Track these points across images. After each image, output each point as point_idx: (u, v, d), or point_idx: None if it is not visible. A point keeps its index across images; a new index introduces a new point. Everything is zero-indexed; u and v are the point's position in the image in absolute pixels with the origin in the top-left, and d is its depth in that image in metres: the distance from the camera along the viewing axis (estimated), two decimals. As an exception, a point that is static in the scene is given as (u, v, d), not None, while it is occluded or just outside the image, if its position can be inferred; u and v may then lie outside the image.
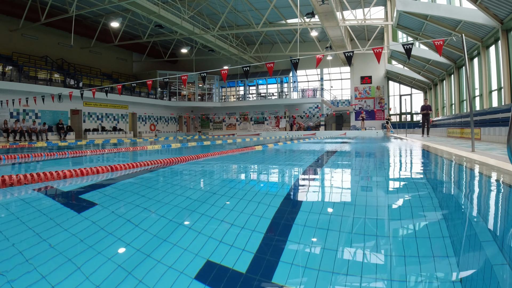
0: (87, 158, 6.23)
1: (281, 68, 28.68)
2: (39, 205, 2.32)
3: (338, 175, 3.75)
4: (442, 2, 13.67)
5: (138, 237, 1.60)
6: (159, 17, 17.37)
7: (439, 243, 1.45)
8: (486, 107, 12.08)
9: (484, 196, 2.56)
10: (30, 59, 19.70)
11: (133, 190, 2.86)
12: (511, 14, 9.62)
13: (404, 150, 7.53)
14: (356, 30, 24.26)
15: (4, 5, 17.79)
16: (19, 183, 2.89)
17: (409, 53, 5.99)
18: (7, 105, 15.73)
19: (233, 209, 2.14)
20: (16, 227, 1.79)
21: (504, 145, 7.23)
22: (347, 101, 29.06)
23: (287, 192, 2.78)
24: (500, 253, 1.36)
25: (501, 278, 1.14)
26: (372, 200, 2.38)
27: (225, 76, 7.69)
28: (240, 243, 1.49)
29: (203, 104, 30.55)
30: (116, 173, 3.69)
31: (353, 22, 20.15)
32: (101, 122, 23.13)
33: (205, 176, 3.83)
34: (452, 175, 3.75)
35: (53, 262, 1.31)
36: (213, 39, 22.20)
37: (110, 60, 26.74)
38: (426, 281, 1.14)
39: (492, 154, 4.72)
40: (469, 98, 5.76)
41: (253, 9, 20.80)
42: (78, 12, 17.08)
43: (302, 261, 1.30)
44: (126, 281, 1.15)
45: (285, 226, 1.78)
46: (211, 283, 1.14)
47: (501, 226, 1.76)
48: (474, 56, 13.69)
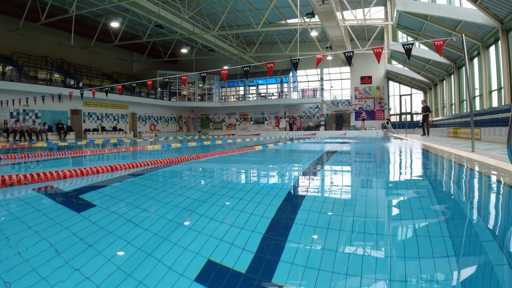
0: (87, 158, 6.23)
1: (281, 68, 28.68)
2: (39, 205, 2.32)
3: (338, 175, 3.75)
4: (442, 2, 13.67)
5: (138, 236, 1.60)
6: (159, 17, 17.37)
7: (439, 243, 1.45)
8: (486, 107, 12.08)
9: (484, 196, 2.56)
10: (30, 59, 19.69)
11: (133, 190, 2.86)
12: (511, 14, 9.62)
13: (404, 150, 7.53)
14: (356, 30, 24.26)
15: (4, 5, 17.78)
16: (19, 183, 2.89)
17: (409, 53, 5.99)
18: (7, 105, 15.73)
19: (233, 209, 2.14)
20: (16, 227, 1.79)
21: (504, 145, 7.23)
22: (347, 101, 29.06)
23: (287, 192, 2.78)
24: (500, 252, 1.35)
25: (501, 278, 1.14)
26: (372, 200, 2.38)
27: (225, 76, 7.69)
28: (241, 242, 1.49)
29: (203, 104, 30.55)
30: (116, 173, 3.69)
31: (353, 22, 20.16)
32: (101, 122, 23.13)
33: (205, 176, 3.83)
34: (452, 175, 3.75)
35: (53, 262, 1.31)
36: (213, 39, 22.20)
37: (110, 60, 26.74)
38: (426, 281, 1.14)
39: (492, 154, 4.72)
40: (469, 98, 5.76)
41: (253, 9, 20.80)
42: (78, 12, 17.08)
43: (302, 261, 1.30)
44: (126, 281, 1.14)
45: (285, 225, 1.78)
46: (212, 281, 1.13)
47: (501, 226, 1.76)
48: (474, 56, 13.68)
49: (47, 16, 17.55)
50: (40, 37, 20.92)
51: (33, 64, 19.54)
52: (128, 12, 19.98)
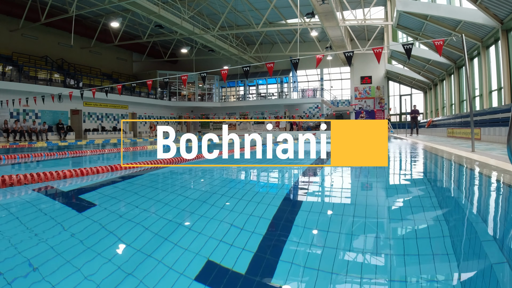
0: (87, 158, 6.23)
1: (281, 68, 28.67)
2: (39, 205, 2.32)
3: (337, 175, 3.75)
4: (442, 2, 13.67)
5: (138, 236, 1.60)
6: (159, 17, 17.37)
7: (439, 243, 1.45)
8: (486, 107, 12.08)
9: (484, 196, 2.56)
10: (30, 59, 19.68)
11: (133, 190, 2.86)
12: (511, 14, 9.62)
13: (404, 150, 7.53)
14: (356, 30, 24.24)
15: (4, 5, 17.77)
16: (19, 183, 2.89)
17: (409, 53, 5.98)
18: (7, 105, 15.71)
19: (233, 210, 2.14)
20: (16, 227, 1.79)
21: (504, 145, 7.23)
22: (347, 101, 29.06)
23: (286, 192, 2.78)
24: (500, 252, 1.35)
25: (501, 278, 1.14)
26: (371, 200, 2.38)
27: (225, 76, 7.69)
28: (241, 242, 1.49)
29: (203, 104, 30.55)
30: (116, 173, 3.69)
31: (353, 22, 20.15)
32: (101, 122, 23.12)
33: (205, 176, 3.83)
34: (452, 175, 3.75)
35: (53, 261, 1.31)
36: (213, 39, 22.19)
37: (110, 60, 26.73)
38: (426, 280, 1.14)
39: (492, 154, 4.72)
40: (469, 98, 5.76)
41: (253, 9, 20.79)
42: (78, 12, 17.07)
43: (301, 261, 1.30)
44: (126, 280, 1.14)
45: (284, 226, 1.78)
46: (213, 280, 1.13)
47: (501, 226, 1.76)
48: (474, 56, 13.68)
49: (47, 16, 17.54)
50: (40, 37, 20.90)
51: (33, 64, 19.53)
52: (128, 12, 19.97)
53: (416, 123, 15.99)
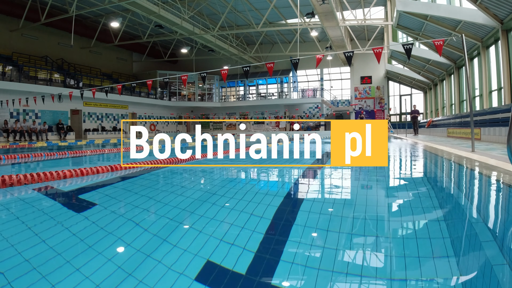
0: (87, 158, 6.23)
1: (281, 68, 28.66)
2: (39, 205, 2.32)
3: (337, 175, 3.75)
4: (442, 2, 13.67)
5: (138, 236, 1.60)
6: (159, 17, 17.36)
7: (439, 243, 1.45)
8: (486, 107, 12.08)
9: (484, 196, 2.56)
10: (30, 59, 19.68)
11: (133, 190, 2.86)
12: (511, 14, 9.62)
13: (404, 150, 7.53)
14: (356, 30, 24.24)
15: (4, 5, 17.77)
16: (19, 183, 2.89)
17: (409, 53, 5.98)
18: (7, 105, 15.70)
19: (233, 210, 2.14)
20: (16, 227, 1.79)
21: (504, 145, 7.23)
22: (347, 101, 29.05)
23: (286, 192, 2.78)
24: (500, 253, 1.35)
25: (501, 278, 1.14)
26: (371, 200, 2.38)
27: (225, 76, 7.69)
28: (241, 242, 1.49)
29: (203, 104, 30.54)
30: (116, 173, 3.69)
31: (353, 22, 20.15)
32: (101, 122, 23.12)
33: (205, 176, 3.83)
34: (452, 175, 3.75)
35: (53, 261, 1.31)
36: (213, 39, 22.19)
37: (110, 60, 26.72)
38: (426, 280, 1.14)
39: (492, 154, 4.72)
40: (469, 98, 5.76)
41: (253, 9, 20.79)
42: (78, 12, 17.06)
43: (302, 261, 1.30)
44: (126, 280, 1.14)
45: (285, 225, 1.78)
46: (213, 280, 1.13)
47: (501, 226, 1.76)
48: (474, 56, 13.68)
49: (47, 16, 17.54)
50: (40, 37, 20.90)
51: (33, 64, 19.52)
52: (128, 12, 19.97)
53: (416, 123, 16.20)
